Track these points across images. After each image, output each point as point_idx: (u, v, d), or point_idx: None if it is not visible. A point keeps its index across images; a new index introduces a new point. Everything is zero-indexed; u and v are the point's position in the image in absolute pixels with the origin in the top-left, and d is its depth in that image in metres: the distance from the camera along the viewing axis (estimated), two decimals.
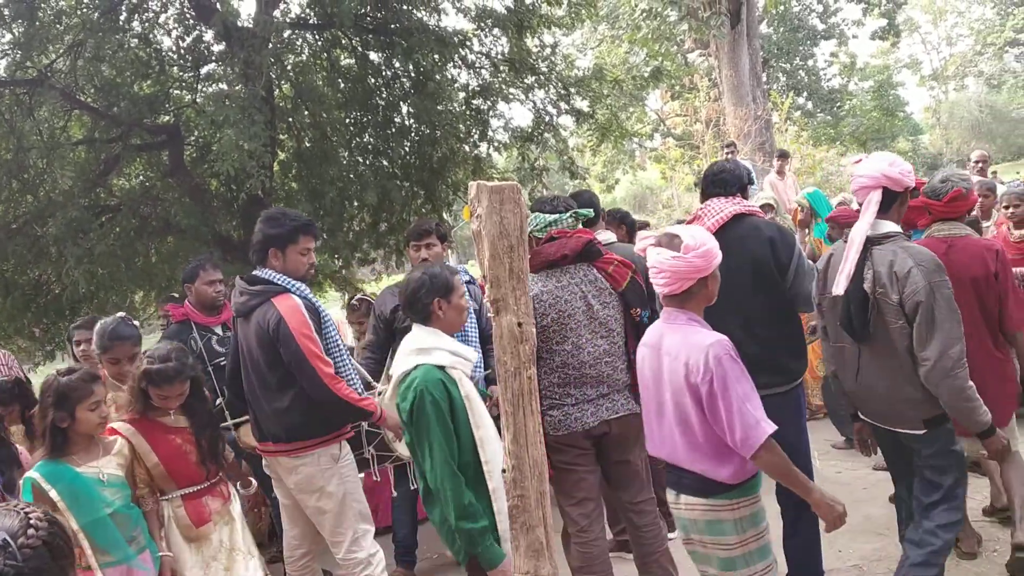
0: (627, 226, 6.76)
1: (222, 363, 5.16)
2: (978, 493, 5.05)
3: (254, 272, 4.24)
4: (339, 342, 4.41)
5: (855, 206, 4.49)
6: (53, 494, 3.35)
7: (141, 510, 3.73)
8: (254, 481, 4.53)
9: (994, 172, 22.36)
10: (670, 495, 3.23)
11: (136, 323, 4.81)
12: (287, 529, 4.47)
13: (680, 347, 3.01)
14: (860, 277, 3.49)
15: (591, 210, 4.33)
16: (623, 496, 4.15)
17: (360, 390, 4.39)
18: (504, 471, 2.08)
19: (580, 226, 4.11)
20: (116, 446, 3.68)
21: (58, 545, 1.71)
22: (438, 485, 3.13)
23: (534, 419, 2.06)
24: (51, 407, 3.44)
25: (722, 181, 4.20)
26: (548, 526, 2.09)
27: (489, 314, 2.15)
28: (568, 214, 4.02)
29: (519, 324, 2.03)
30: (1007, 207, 6.87)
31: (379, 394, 4.51)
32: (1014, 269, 6.68)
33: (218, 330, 5.39)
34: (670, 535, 5.39)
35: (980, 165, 9.24)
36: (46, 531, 1.68)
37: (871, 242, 3.51)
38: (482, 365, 5.15)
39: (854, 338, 3.59)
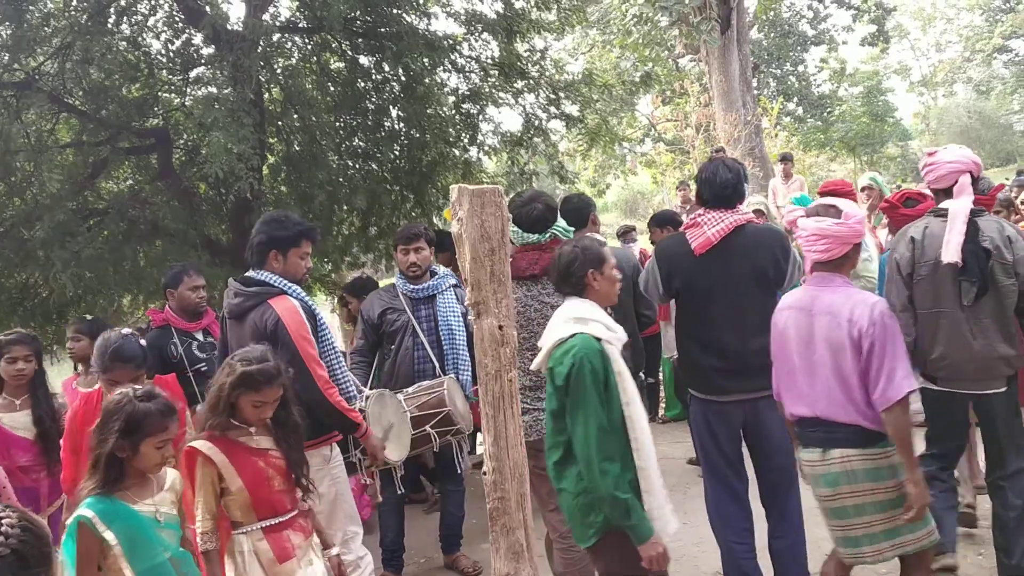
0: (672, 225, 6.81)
1: (203, 368, 5.16)
2: None
3: (248, 274, 4.23)
4: (335, 346, 4.43)
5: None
6: (109, 536, 2.88)
7: (197, 550, 3.27)
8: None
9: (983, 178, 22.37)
10: (812, 454, 3.49)
11: (143, 342, 4.54)
12: None
13: (842, 305, 3.39)
14: (974, 243, 3.88)
15: (571, 229, 4.33)
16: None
17: (354, 395, 4.40)
18: (484, 473, 2.09)
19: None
20: (169, 480, 3.21)
21: (30, 554, 1.68)
22: (590, 453, 3.11)
23: (515, 421, 2.06)
24: (116, 433, 2.96)
25: (726, 198, 4.18)
26: (528, 528, 2.09)
27: (470, 316, 2.16)
28: (547, 234, 4.04)
29: (500, 327, 2.03)
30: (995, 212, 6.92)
31: (366, 398, 4.52)
32: None
33: (199, 336, 5.37)
34: None
35: None
36: (17, 539, 1.65)
37: (973, 214, 3.94)
38: (469, 369, 5.16)
39: (965, 301, 3.91)
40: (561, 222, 4.20)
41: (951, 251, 3.85)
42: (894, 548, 3.45)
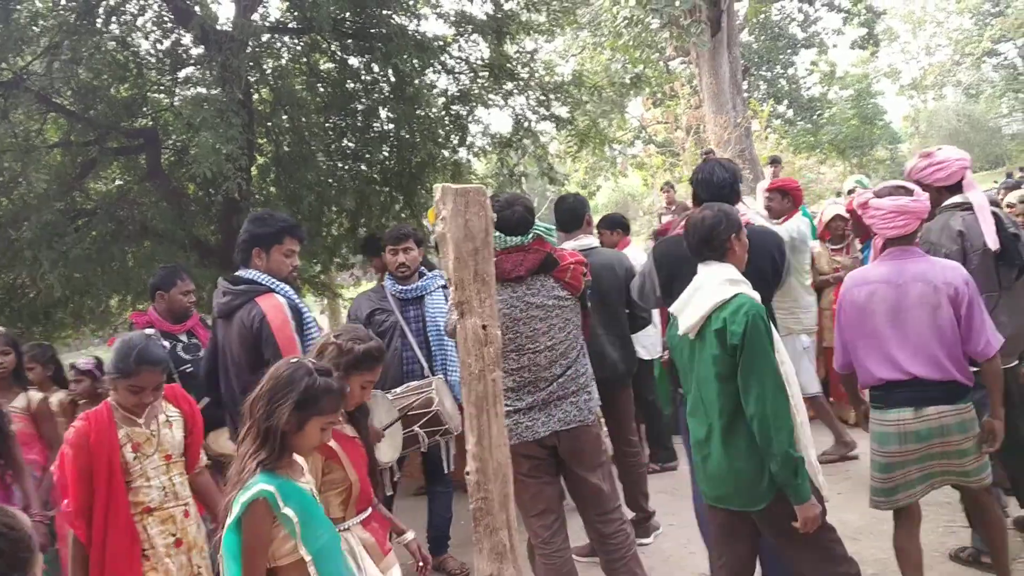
0: (622, 228, 6.91)
1: (188, 370, 5.15)
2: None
3: (237, 273, 4.22)
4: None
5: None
6: (289, 512, 2.59)
7: None
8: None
9: None
10: (903, 412, 3.73)
11: (166, 344, 4.55)
12: None
13: (933, 271, 3.74)
14: (1003, 230, 4.18)
15: (552, 228, 4.32)
16: (587, 512, 4.14)
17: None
18: (468, 473, 2.09)
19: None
20: (307, 466, 2.89)
21: (4, 557, 1.66)
22: (766, 411, 3.16)
23: (498, 422, 2.06)
24: (292, 405, 2.63)
25: (725, 199, 4.10)
26: (512, 529, 2.09)
27: (453, 316, 2.16)
28: (530, 235, 4.02)
29: (483, 327, 2.03)
30: None
31: None
32: None
33: (183, 337, 5.36)
34: (645, 540, 5.42)
35: None
36: None
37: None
38: (458, 371, 5.16)
39: (1005, 284, 4.24)
40: (541, 223, 4.18)
41: (992, 239, 4.12)
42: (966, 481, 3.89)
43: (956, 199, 4.35)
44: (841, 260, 7.18)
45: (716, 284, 3.36)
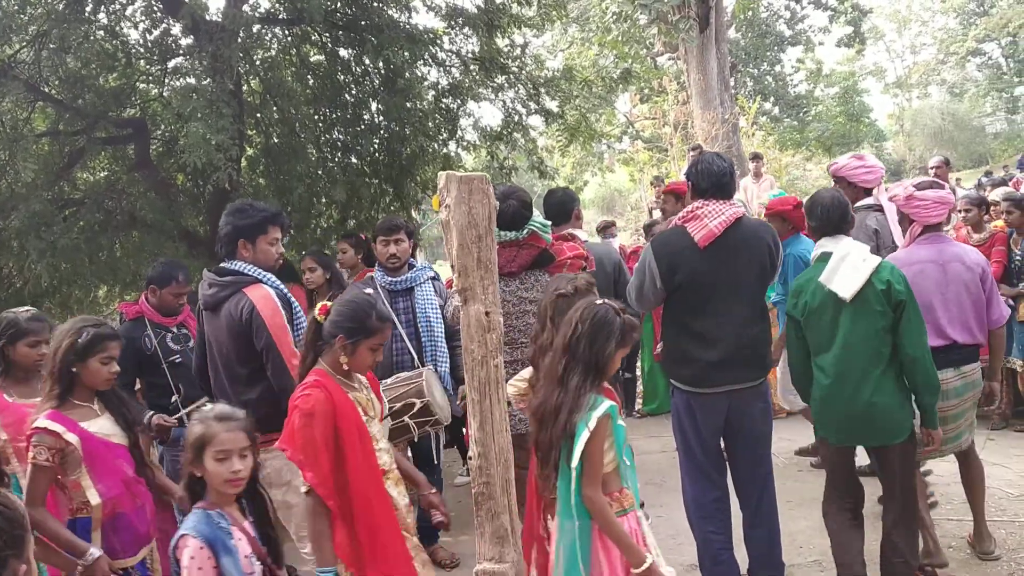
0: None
1: (177, 360, 5.15)
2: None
3: (222, 265, 4.21)
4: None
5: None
6: (622, 426, 3.14)
7: None
8: None
9: (958, 179, 22.78)
10: (947, 372, 4.23)
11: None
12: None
13: (963, 253, 4.44)
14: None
15: (548, 224, 4.32)
16: None
17: None
18: (470, 458, 2.11)
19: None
20: None
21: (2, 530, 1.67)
22: (924, 351, 3.89)
23: (500, 407, 2.08)
24: (615, 342, 3.09)
25: (724, 187, 4.22)
26: (513, 513, 2.11)
27: (456, 303, 2.18)
28: (525, 231, 4.03)
29: (487, 313, 2.05)
30: (961, 212, 7.04)
31: None
32: None
33: (173, 328, 5.34)
34: None
35: (935, 171, 9.46)
36: None
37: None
38: (448, 363, 5.17)
39: None
40: (538, 217, 4.19)
41: (900, 237, 4.76)
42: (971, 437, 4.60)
43: (868, 201, 5.20)
44: None
45: (861, 253, 3.97)
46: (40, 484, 3.32)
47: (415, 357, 5.15)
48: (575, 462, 2.90)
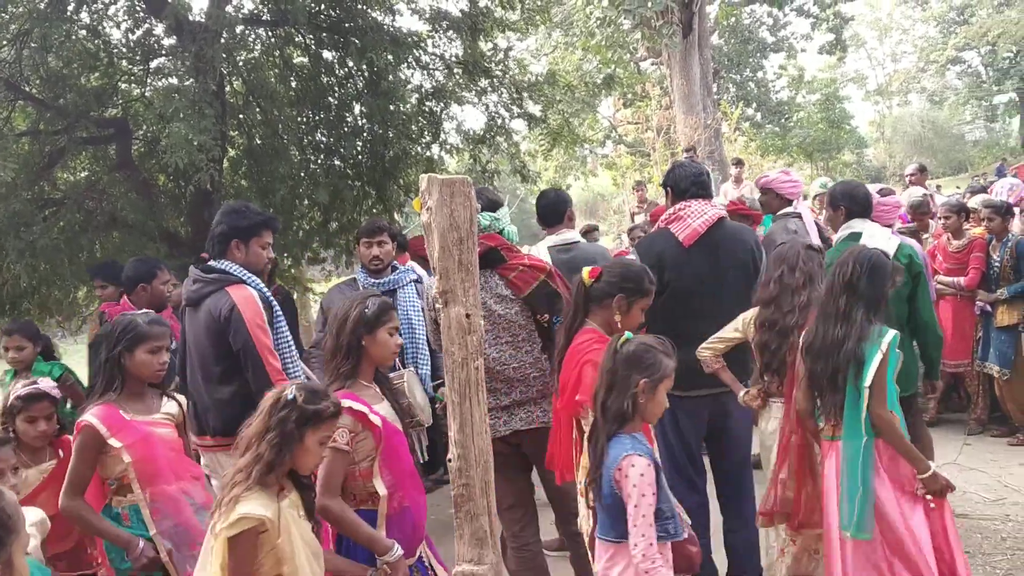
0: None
1: None
2: None
3: (210, 263, 4.19)
4: (289, 339, 4.39)
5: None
6: None
7: None
8: None
9: (938, 186, 22.95)
10: None
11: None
12: None
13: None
14: (822, 234, 6.00)
15: (500, 219, 4.22)
16: (557, 510, 4.18)
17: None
18: (450, 460, 2.12)
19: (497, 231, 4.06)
20: None
21: None
22: (932, 316, 4.54)
23: (480, 409, 2.09)
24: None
25: (704, 184, 4.32)
26: (492, 515, 2.12)
27: (438, 305, 2.19)
28: (484, 224, 3.97)
29: (467, 315, 2.07)
30: (942, 218, 7.11)
31: None
32: (951, 279, 6.96)
33: None
34: None
35: (911, 178, 9.57)
36: None
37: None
38: (429, 363, 5.17)
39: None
40: (488, 213, 4.09)
41: (816, 239, 5.30)
42: None
43: (788, 209, 5.77)
44: None
45: (885, 234, 4.60)
46: (337, 471, 3.04)
47: (396, 361, 5.13)
48: (867, 382, 3.34)
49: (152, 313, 3.89)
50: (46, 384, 4.03)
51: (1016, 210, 7.47)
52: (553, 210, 5.15)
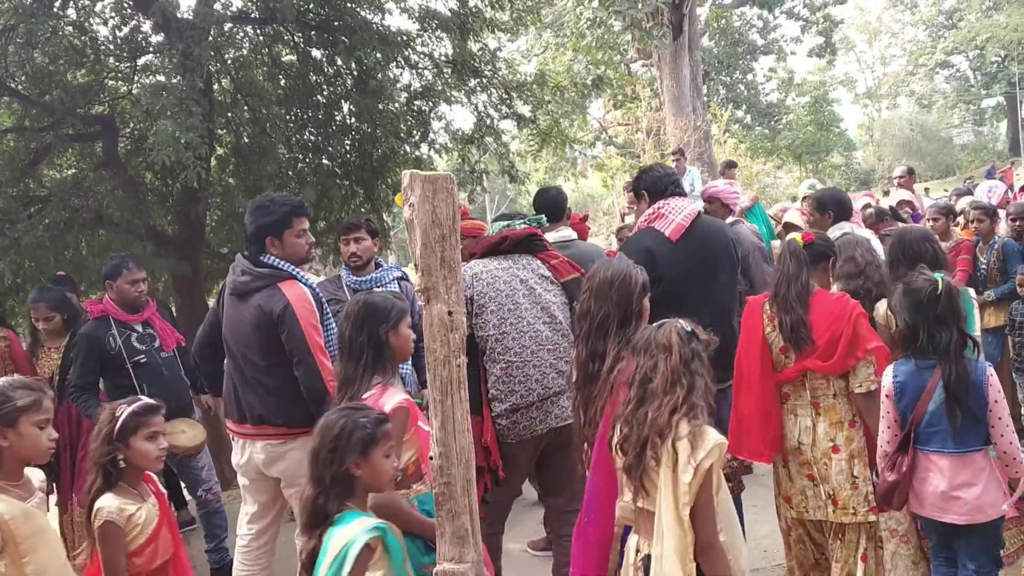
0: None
1: (142, 360, 5.10)
2: None
3: (259, 256, 4.15)
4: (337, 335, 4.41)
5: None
6: None
7: None
8: None
9: (926, 189, 23.05)
10: None
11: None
12: (251, 516, 4.34)
13: None
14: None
15: (543, 216, 4.40)
16: (555, 502, 4.19)
17: None
18: (431, 458, 2.11)
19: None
20: None
21: None
22: None
23: (462, 407, 2.08)
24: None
25: (679, 184, 4.44)
26: (473, 513, 2.11)
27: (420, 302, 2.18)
28: (520, 220, 4.11)
29: (449, 312, 2.05)
30: (929, 220, 7.14)
31: None
32: None
33: (138, 327, 5.28)
34: None
35: (899, 181, 9.60)
36: None
37: None
38: (410, 362, 5.15)
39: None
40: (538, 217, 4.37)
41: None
42: None
43: (732, 219, 6.17)
44: None
45: (867, 233, 4.99)
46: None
47: None
48: None
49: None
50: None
51: (1001, 212, 7.50)
52: (556, 206, 5.23)
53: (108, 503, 2.95)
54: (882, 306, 4.23)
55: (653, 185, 4.37)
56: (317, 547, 2.49)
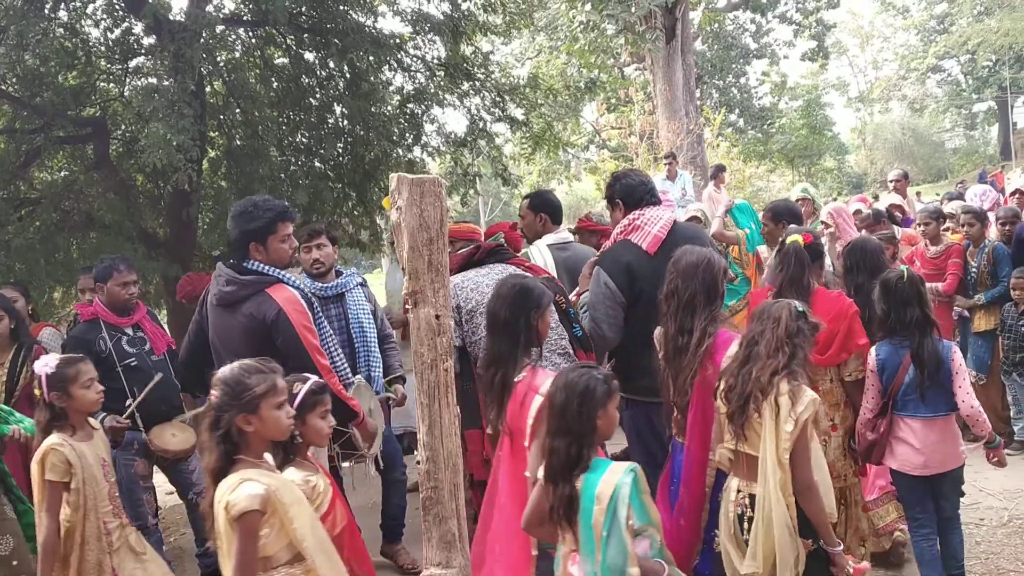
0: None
1: (132, 363, 5.05)
2: None
3: (242, 263, 4.08)
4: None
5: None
6: None
7: None
8: None
9: (918, 192, 23.12)
10: None
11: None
12: None
13: None
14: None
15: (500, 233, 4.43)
16: None
17: (351, 382, 4.38)
18: (418, 462, 2.10)
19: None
20: None
21: None
22: None
23: (449, 412, 2.07)
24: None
25: (653, 191, 4.37)
26: (461, 518, 2.10)
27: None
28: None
29: (437, 316, 2.04)
30: (920, 225, 7.14)
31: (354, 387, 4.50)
32: (929, 284, 6.97)
33: (128, 330, 5.23)
34: None
35: (894, 184, 9.59)
36: None
37: None
38: (380, 365, 5.13)
39: None
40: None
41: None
42: None
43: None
44: None
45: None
46: None
47: (346, 365, 5.03)
48: None
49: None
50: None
51: (991, 215, 7.51)
52: (557, 209, 5.35)
53: (294, 475, 3.07)
54: None
55: (627, 195, 4.29)
56: (573, 494, 2.74)
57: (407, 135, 9.81)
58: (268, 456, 2.94)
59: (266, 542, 2.64)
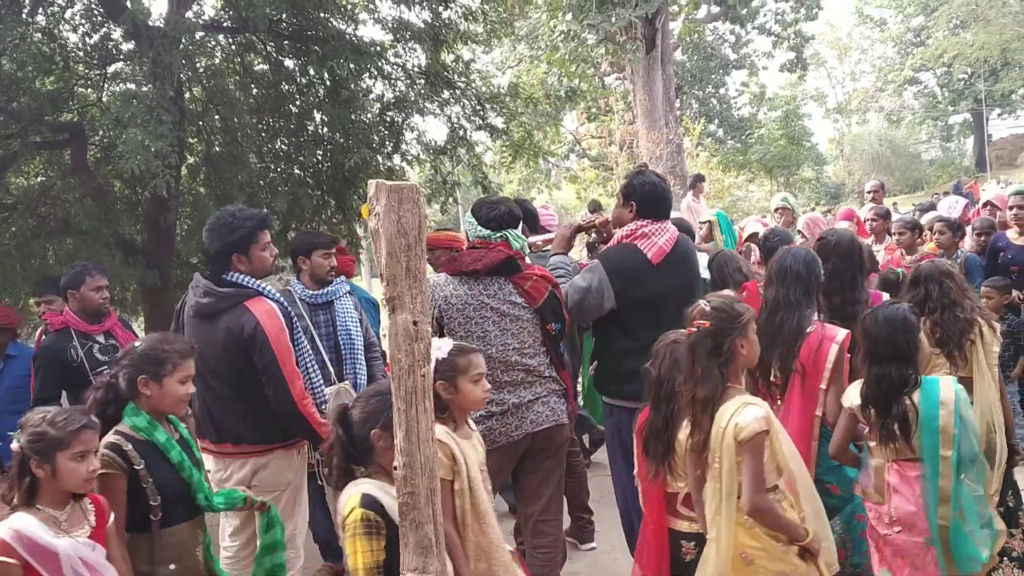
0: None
1: (104, 372, 5.02)
2: None
3: (222, 275, 4.07)
4: (308, 349, 4.38)
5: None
6: None
7: None
8: None
9: (894, 203, 23.32)
10: None
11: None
12: (234, 528, 4.26)
13: None
14: None
15: (524, 239, 4.39)
16: (528, 509, 4.17)
17: (325, 399, 4.40)
18: (396, 468, 2.11)
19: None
20: None
21: None
22: None
23: (427, 417, 2.08)
24: None
25: (668, 202, 4.46)
26: (437, 523, 2.11)
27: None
28: (499, 234, 4.10)
29: (414, 322, 2.06)
30: (895, 235, 7.23)
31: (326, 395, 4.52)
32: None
33: (100, 338, 5.18)
34: (586, 546, 5.53)
35: (872, 195, 9.71)
36: None
37: None
38: (365, 374, 5.15)
39: None
40: (516, 232, 4.23)
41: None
42: None
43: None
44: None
45: None
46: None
47: (332, 371, 5.05)
48: None
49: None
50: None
51: (968, 227, 7.61)
52: (535, 218, 5.52)
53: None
54: None
55: (643, 201, 4.34)
56: (906, 411, 3.27)
57: (387, 143, 9.80)
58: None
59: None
